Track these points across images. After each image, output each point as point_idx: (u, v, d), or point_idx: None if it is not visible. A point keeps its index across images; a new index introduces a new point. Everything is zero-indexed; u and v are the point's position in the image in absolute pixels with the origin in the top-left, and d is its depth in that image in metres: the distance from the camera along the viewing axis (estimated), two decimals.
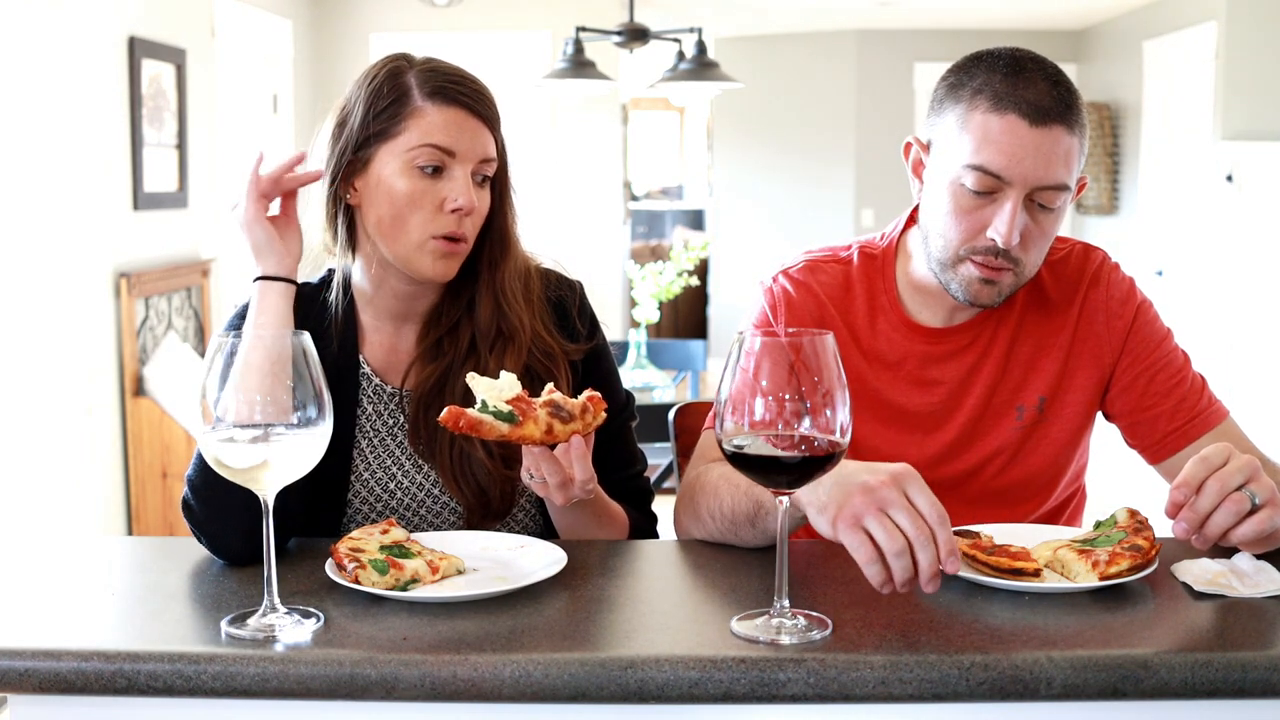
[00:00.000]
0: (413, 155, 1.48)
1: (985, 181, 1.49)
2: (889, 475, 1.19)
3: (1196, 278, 6.34)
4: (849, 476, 1.20)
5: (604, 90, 4.79)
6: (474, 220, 1.52)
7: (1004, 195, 1.49)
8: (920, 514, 1.16)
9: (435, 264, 1.51)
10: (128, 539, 3.47)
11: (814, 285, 1.67)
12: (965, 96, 1.51)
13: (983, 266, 1.53)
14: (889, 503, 1.17)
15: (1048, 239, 1.55)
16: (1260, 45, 6.09)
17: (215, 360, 1.14)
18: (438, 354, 1.58)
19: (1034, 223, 1.51)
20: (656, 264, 4.13)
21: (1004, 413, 1.65)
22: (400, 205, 1.48)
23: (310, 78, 6.47)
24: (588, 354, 1.63)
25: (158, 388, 4.50)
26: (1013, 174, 1.47)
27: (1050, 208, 1.51)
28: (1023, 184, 1.48)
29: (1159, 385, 1.63)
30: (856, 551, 1.18)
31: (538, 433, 1.29)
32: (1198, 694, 1.10)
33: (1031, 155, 1.47)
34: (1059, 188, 1.49)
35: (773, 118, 8.92)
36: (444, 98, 1.49)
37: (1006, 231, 1.48)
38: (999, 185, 1.49)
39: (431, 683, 1.09)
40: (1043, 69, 1.50)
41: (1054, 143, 1.47)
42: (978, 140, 1.49)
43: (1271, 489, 1.30)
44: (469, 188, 1.49)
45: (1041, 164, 1.47)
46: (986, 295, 1.55)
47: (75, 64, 4.17)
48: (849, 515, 1.18)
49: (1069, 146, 1.49)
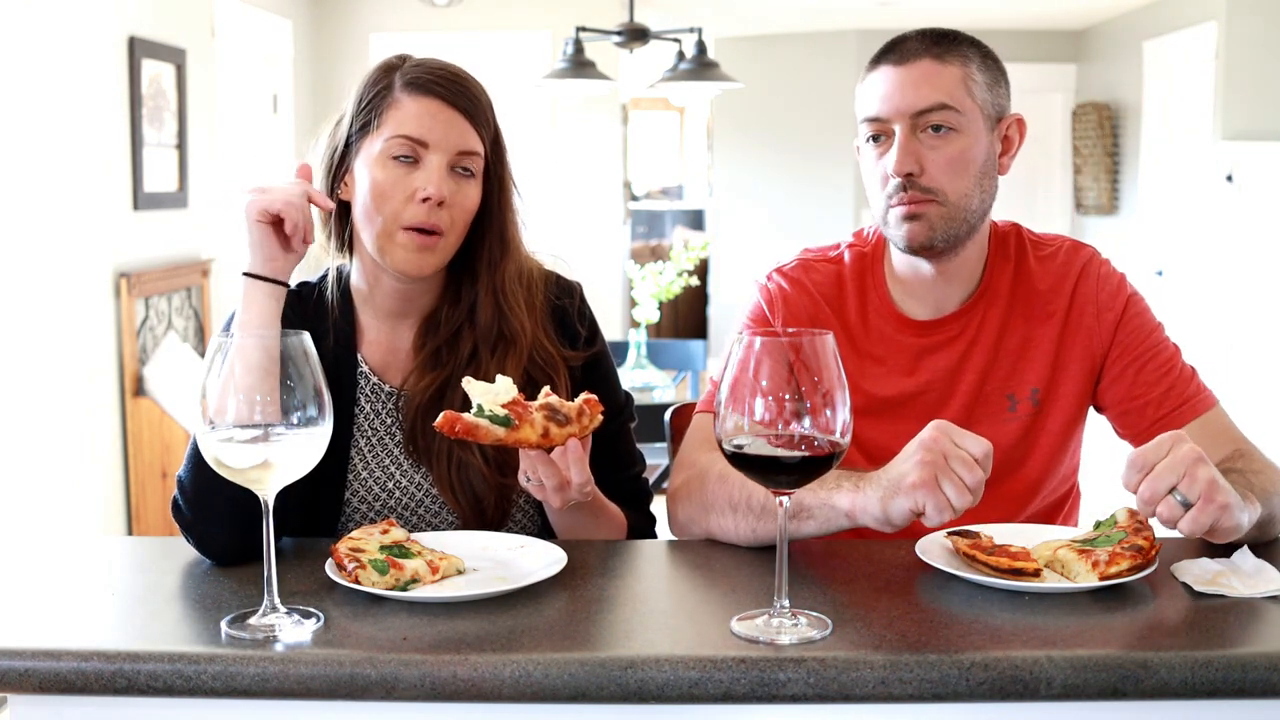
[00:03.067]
0: (388, 146, 1.49)
1: (873, 127, 1.60)
2: (932, 430, 1.29)
3: (1196, 278, 6.33)
4: (901, 458, 1.31)
5: (604, 90, 4.79)
6: (454, 214, 1.51)
7: (893, 134, 1.58)
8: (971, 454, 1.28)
9: (408, 256, 1.50)
10: (128, 539, 3.47)
11: (808, 284, 1.69)
12: (861, 76, 1.64)
13: (902, 204, 1.58)
14: (950, 453, 1.27)
15: (962, 166, 1.58)
16: (1260, 45, 6.09)
17: (215, 360, 1.14)
18: (437, 363, 1.57)
19: (933, 151, 1.57)
20: (656, 264, 4.13)
21: (995, 401, 1.66)
22: (374, 196, 1.49)
23: (310, 78, 6.47)
24: (588, 357, 1.63)
25: (158, 388, 4.50)
26: (888, 110, 1.58)
27: (942, 128, 1.57)
28: (899, 115, 1.57)
29: (1148, 374, 1.64)
30: (941, 514, 1.27)
31: (534, 436, 1.29)
32: (1198, 694, 1.10)
33: (899, 89, 1.57)
34: (937, 108, 1.56)
35: (773, 118, 8.92)
36: (418, 88, 1.51)
37: (895, 160, 1.56)
38: (885, 127, 1.59)
39: (431, 683, 1.09)
40: (920, 31, 1.61)
41: (922, 74, 1.57)
42: (862, 98, 1.62)
43: (1207, 482, 1.28)
44: (441, 178, 1.49)
45: (910, 93, 1.57)
46: (919, 233, 1.58)
47: (75, 64, 4.17)
48: (925, 478, 1.27)
49: (942, 74, 1.57)
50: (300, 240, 1.43)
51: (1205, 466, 1.29)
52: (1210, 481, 1.28)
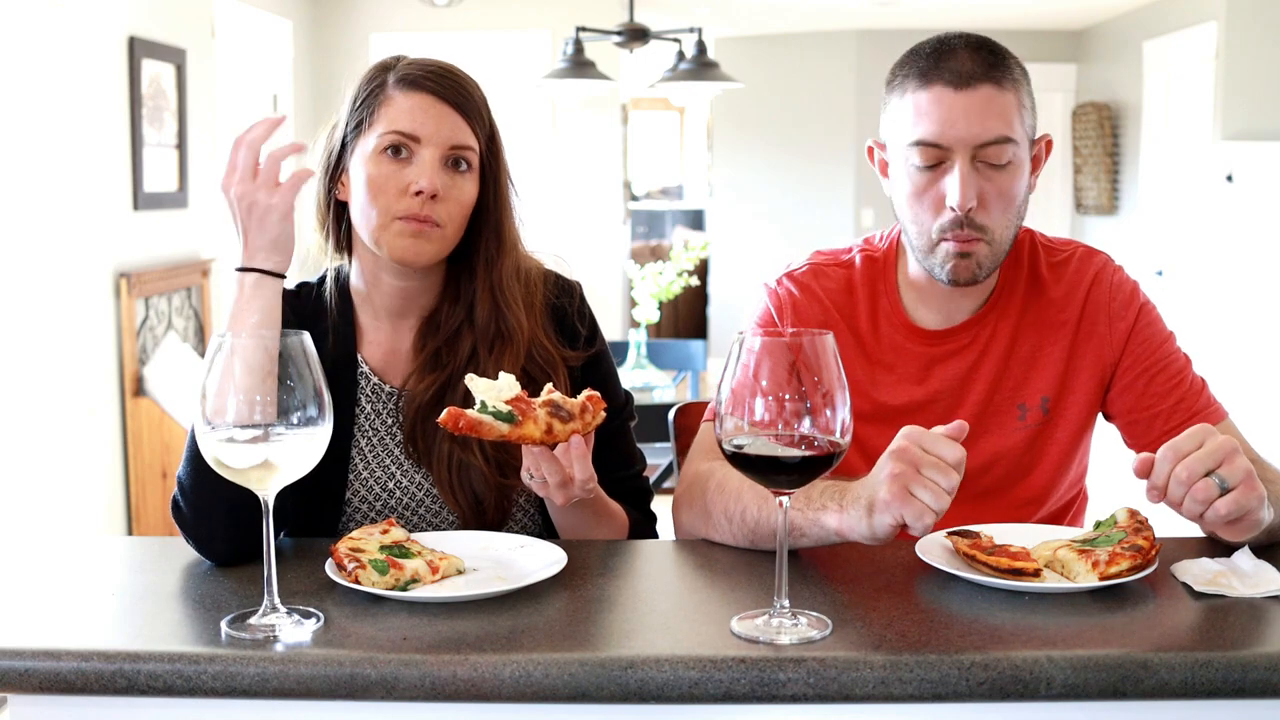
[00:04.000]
0: (380, 141, 1.50)
1: (929, 154, 1.53)
2: (903, 439, 1.26)
3: (1196, 278, 6.34)
4: (871, 478, 1.30)
5: (604, 90, 4.79)
6: (449, 208, 1.51)
7: (950, 163, 1.53)
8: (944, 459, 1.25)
9: (403, 242, 1.49)
10: (128, 539, 3.47)
11: (818, 290, 1.68)
12: (898, 85, 1.57)
13: (954, 240, 1.55)
14: (920, 461, 1.24)
15: (1010, 201, 1.56)
16: (1260, 45, 6.09)
17: (215, 360, 1.14)
18: (436, 364, 1.57)
19: (989, 183, 1.53)
20: (656, 264, 4.13)
21: (1006, 410, 1.65)
22: (369, 190, 1.50)
23: (310, 78, 6.47)
24: (587, 356, 1.63)
25: (158, 388, 4.50)
26: (949, 138, 1.51)
27: (999, 164, 1.53)
28: (961, 145, 1.51)
29: (1159, 386, 1.64)
30: (920, 520, 1.24)
31: (537, 433, 1.29)
32: (1198, 694, 1.10)
33: (963, 118, 1.51)
34: (1000, 141, 1.52)
35: (773, 118, 8.92)
36: (410, 84, 1.52)
37: (960, 194, 1.51)
38: (943, 154, 1.53)
39: (431, 683, 1.09)
40: (964, 39, 1.55)
41: (985, 101, 1.51)
42: (913, 117, 1.54)
43: (1246, 470, 1.29)
44: (434, 171, 1.49)
45: (975, 123, 1.51)
46: (965, 270, 1.56)
47: (75, 64, 4.17)
48: (897, 491, 1.24)
49: (1002, 102, 1.52)
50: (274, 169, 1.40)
51: (1242, 456, 1.30)
52: (1249, 470, 1.30)
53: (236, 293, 1.42)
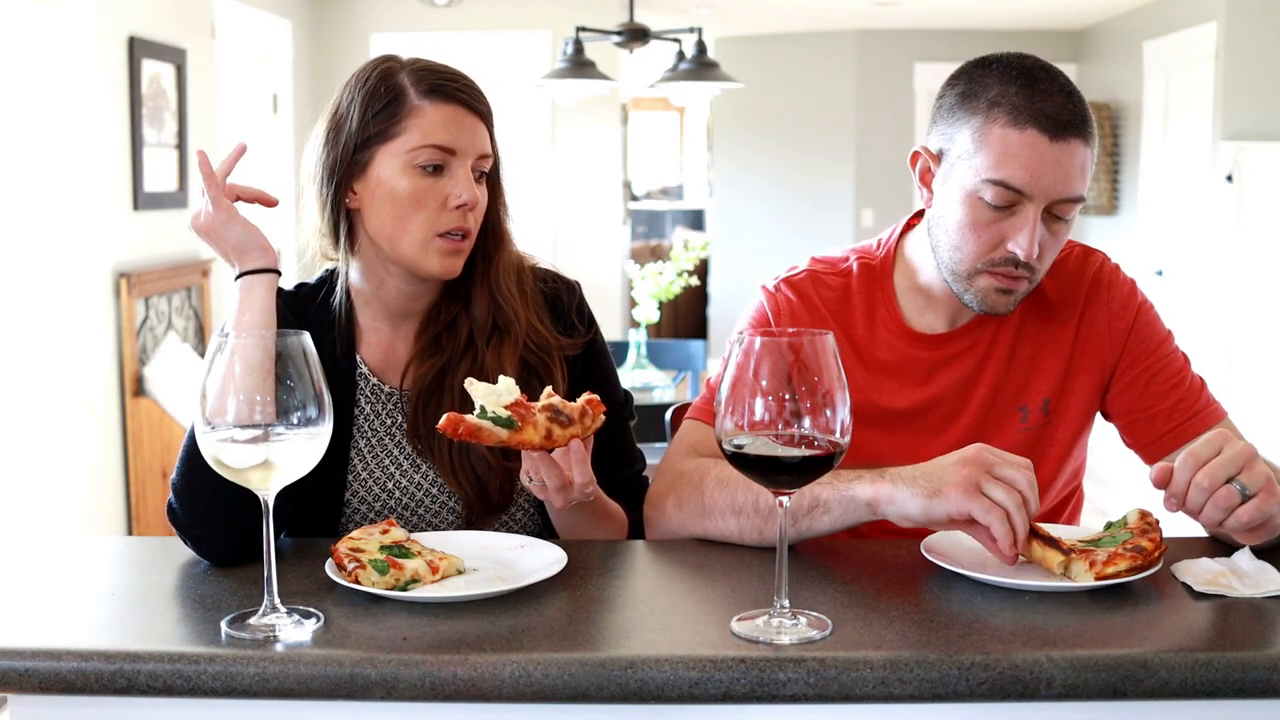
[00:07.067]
0: (414, 155, 1.49)
1: (1005, 196, 1.49)
2: (974, 449, 1.31)
3: (1196, 278, 6.34)
4: (938, 463, 1.32)
5: (604, 90, 4.79)
6: (476, 215, 1.53)
7: (1023, 209, 1.49)
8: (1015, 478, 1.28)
9: (441, 261, 1.52)
10: (128, 539, 3.47)
11: (815, 298, 1.67)
12: (981, 109, 1.50)
13: (1001, 277, 1.53)
14: (993, 464, 1.28)
15: (1060, 247, 1.56)
16: (1260, 45, 6.09)
17: (215, 360, 1.14)
18: (436, 350, 1.58)
19: (1049, 233, 1.52)
20: (656, 264, 4.13)
21: (1008, 413, 1.65)
22: (404, 205, 1.49)
23: (310, 78, 6.47)
24: (586, 353, 1.63)
25: (158, 388, 4.50)
26: (1034, 188, 1.47)
27: (1065, 218, 1.52)
28: (1043, 197, 1.48)
29: (1158, 385, 1.64)
30: (989, 514, 1.27)
31: (537, 438, 1.29)
32: (1198, 694, 1.10)
33: (1052, 170, 1.47)
34: (1076, 200, 1.50)
35: (773, 118, 8.92)
36: (441, 95, 1.50)
37: (1028, 245, 1.49)
38: (1018, 199, 1.49)
39: (431, 683, 1.09)
40: (1056, 81, 1.50)
41: (1072, 155, 1.47)
42: (998, 155, 1.48)
43: (1266, 476, 1.30)
44: (471, 183, 1.51)
45: (1061, 178, 1.47)
46: (1002, 304, 1.56)
47: (75, 64, 4.17)
48: (966, 484, 1.28)
49: (1085, 158, 1.50)
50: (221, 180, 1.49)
51: (1261, 462, 1.31)
52: (1269, 476, 1.30)
53: (235, 300, 1.48)
